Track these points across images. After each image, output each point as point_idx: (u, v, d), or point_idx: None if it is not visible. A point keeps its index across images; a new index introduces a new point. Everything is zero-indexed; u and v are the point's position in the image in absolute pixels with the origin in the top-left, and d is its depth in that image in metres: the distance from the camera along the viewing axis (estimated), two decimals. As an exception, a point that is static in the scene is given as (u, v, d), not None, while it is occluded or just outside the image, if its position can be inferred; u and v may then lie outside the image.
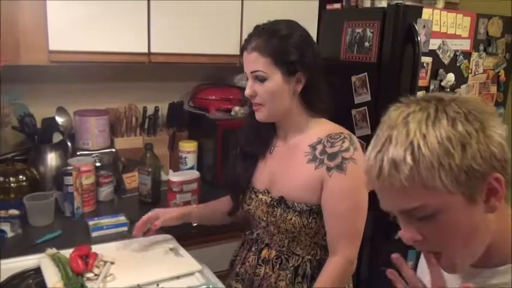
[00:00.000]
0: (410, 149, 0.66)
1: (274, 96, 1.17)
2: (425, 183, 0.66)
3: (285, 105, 1.20)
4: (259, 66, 1.15)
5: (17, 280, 1.23)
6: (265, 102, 1.19)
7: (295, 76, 1.17)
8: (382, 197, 0.73)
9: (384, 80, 1.91)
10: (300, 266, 1.25)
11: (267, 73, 1.15)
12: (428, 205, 0.68)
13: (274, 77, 1.16)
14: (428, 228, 0.70)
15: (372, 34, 1.92)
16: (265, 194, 1.27)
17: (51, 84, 1.97)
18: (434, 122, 0.67)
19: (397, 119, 0.69)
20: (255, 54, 1.15)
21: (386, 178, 0.68)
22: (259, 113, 1.21)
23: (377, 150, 0.70)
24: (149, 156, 1.84)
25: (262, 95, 1.18)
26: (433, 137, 0.65)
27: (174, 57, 1.88)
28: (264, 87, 1.17)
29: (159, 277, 1.24)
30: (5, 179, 1.69)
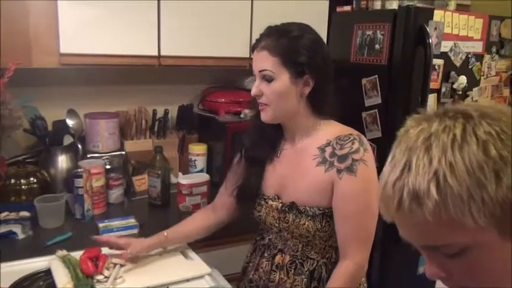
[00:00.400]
0: (435, 181, 0.56)
1: (280, 97, 1.16)
2: (452, 219, 0.56)
3: (290, 107, 1.19)
4: (268, 66, 1.14)
5: (28, 282, 1.24)
6: (270, 103, 1.17)
7: (303, 78, 1.16)
8: (402, 230, 0.64)
9: (395, 82, 1.90)
10: (316, 270, 1.24)
11: (274, 73, 1.14)
12: (457, 243, 0.59)
13: (281, 77, 1.14)
14: (456, 265, 0.61)
15: (382, 36, 1.91)
16: (275, 200, 1.26)
17: (62, 87, 1.99)
18: (462, 146, 0.56)
19: (416, 140, 0.60)
20: (264, 53, 1.14)
21: (407, 212, 0.59)
22: (264, 113, 1.20)
23: (395, 177, 0.60)
24: (159, 159, 1.84)
25: (268, 95, 1.16)
26: (461, 166, 0.55)
27: (183, 60, 1.88)
28: (270, 87, 1.15)
29: (168, 280, 1.24)
30: (16, 181, 1.71)
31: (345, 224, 1.17)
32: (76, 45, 1.66)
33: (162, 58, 1.83)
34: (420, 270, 2.12)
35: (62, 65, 1.67)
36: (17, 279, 1.24)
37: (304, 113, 1.21)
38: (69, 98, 1.99)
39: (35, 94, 1.55)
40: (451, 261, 0.61)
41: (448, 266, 0.62)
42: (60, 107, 1.91)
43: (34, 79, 1.77)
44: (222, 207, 1.39)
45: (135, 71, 2.07)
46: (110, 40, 1.71)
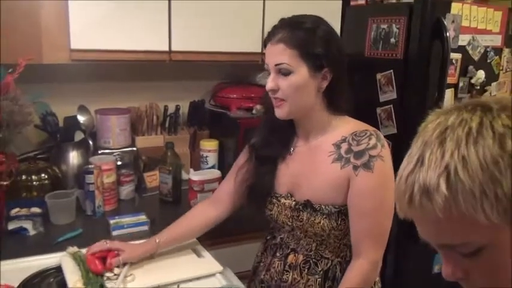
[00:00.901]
0: (445, 175, 0.54)
1: (298, 92, 1.12)
2: (464, 215, 0.54)
3: (308, 102, 1.15)
4: (285, 59, 1.10)
5: (38, 279, 1.23)
6: (287, 98, 1.12)
7: (321, 72, 1.12)
8: (419, 227, 0.62)
9: (411, 77, 1.85)
10: (330, 269, 1.21)
11: (292, 66, 1.10)
12: (472, 242, 0.56)
13: (299, 71, 1.10)
14: (473, 265, 0.59)
15: (398, 30, 1.87)
16: (288, 198, 1.22)
17: (73, 83, 1.98)
18: (476, 140, 0.54)
19: (432, 134, 0.58)
20: (281, 45, 1.10)
21: (418, 208, 0.57)
22: (280, 109, 1.15)
23: (408, 171, 0.59)
24: (170, 155, 1.83)
25: (285, 89, 1.11)
26: (474, 160, 0.53)
27: (195, 55, 1.86)
28: (288, 81, 1.11)
29: (179, 278, 1.23)
30: (28, 177, 1.71)
31: (360, 221, 1.13)
32: (86, 41, 1.65)
33: (173, 53, 1.81)
34: (435, 269, 2.08)
35: (72, 61, 1.66)
36: (28, 275, 1.23)
37: (319, 108, 1.18)
38: (80, 94, 1.98)
39: (46, 90, 1.55)
40: (468, 261, 0.59)
41: (464, 266, 0.60)
42: (71, 103, 1.91)
43: (45, 75, 1.77)
44: (223, 200, 1.35)
45: (146, 66, 2.06)
46: (120, 35, 1.70)
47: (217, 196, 1.39)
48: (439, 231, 0.58)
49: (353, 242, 1.16)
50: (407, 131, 1.88)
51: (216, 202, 1.37)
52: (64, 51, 1.63)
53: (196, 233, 1.38)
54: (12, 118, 1.36)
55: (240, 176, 1.30)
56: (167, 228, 1.34)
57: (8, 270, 1.25)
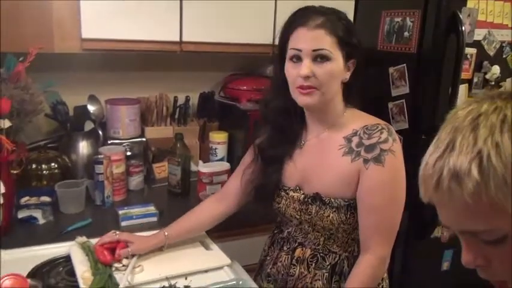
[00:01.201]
0: (478, 160, 0.53)
1: (332, 80, 1.09)
2: (493, 202, 0.53)
3: (334, 92, 1.13)
4: (326, 45, 1.06)
5: (48, 267, 1.24)
6: (321, 86, 1.08)
7: (349, 62, 1.12)
8: (441, 212, 0.61)
9: (424, 71, 1.83)
10: (338, 264, 1.20)
11: (332, 53, 1.07)
12: (497, 229, 0.56)
13: (337, 59, 1.08)
14: (496, 253, 0.58)
15: (412, 23, 1.83)
16: (296, 191, 1.21)
17: (83, 73, 1.98)
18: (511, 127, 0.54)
19: (464, 120, 0.57)
20: (321, 31, 1.06)
21: (446, 192, 0.56)
22: (308, 97, 1.10)
23: (437, 156, 0.58)
24: (179, 146, 1.82)
25: (321, 76, 1.07)
26: (508, 147, 0.52)
27: (205, 46, 1.85)
28: (324, 68, 1.07)
29: (187, 270, 1.22)
30: (37, 166, 1.71)
31: (368, 216, 1.12)
32: (97, 30, 1.64)
33: (184, 44, 1.80)
34: (444, 266, 2.07)
35: (83, 50, 1.65)
36: (37, 264, 1.24)
37: (338, 99, 1.16)
38: (90, 83, 1.98)
39: (57, 79, 1.54)
40: (490, 249, 0.58)
41: (486, 254, 0.59)
42: (82, 92, 1.91)
43: (56, 64, 1.76)
44: (230, 196, 1.34)
45: (156, 57, 2.05)
46: (131, 25, 1.68)
47: (224, 192, 1.38)
48: (464, 217, 0.57)
49: (361, 236, 1.15)
50: (419, 126, 1.86)
51: (224, 198, 1.36)
52: (75, 40, 1.62)
53: (204, 227, 1.38)
54: (23, 107, 1.35)
55: (246, 176, 1.28)
56: (176, 221, 1.34)
57: (18, 259, 1.26)
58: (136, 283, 1.15)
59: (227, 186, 1.39)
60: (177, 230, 1.32)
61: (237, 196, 1.33)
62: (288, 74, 1.12)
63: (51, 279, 1.19)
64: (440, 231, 2.00)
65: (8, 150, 1.31)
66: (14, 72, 1.37)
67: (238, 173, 1.33)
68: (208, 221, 1.36)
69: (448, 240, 2.03)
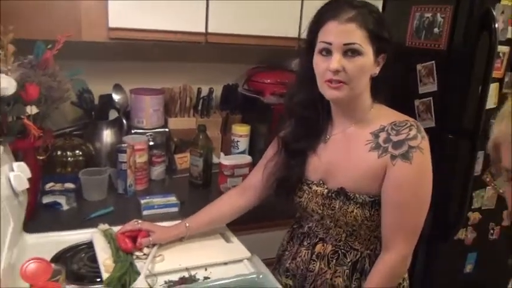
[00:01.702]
0: None
1: (362, 75, 1.08)
2: None
3: (363, 87, 1.11)
4: (357, 39, 1.04)
5: (71, 253, 1.26)
6: (350, 80, 1.06)
7: (379, 57, 1.09)
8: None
9: (454, 69, 1.77)
10: (359, 261, 1.19)
11: (363, 47, 1.05)
12: None
13: (368, 54, 1.06)
14: None
15: (442, 19, 1.79)
16: (320, 185, 1.19)
17: (109, 62, 1.99)
18: None
19: None
20: (352, 25, 1.04)
21: None
22: (337, 91, 1.08)
23: None
24: (202, 137, 1.82)
25: (351, 71, 1.05)
26: None
27: (231, 37, 1.84)
28: (354, 63, 1.05)
29: (207, 261, 1.23)
30: (63, 153, 1.74)
31: (392, 213, 1.10)
32: (124, 19, 1.65)
33: (209, 35, 1.79)
34: (468, 269, 2.03)
35: (110, 39, 1.66)
36: (60, 249, 1.26)
37: (366, 94, 1.14)
38: (116, 72, 2.00)
39: (83, 67, 1.56)
40: None
41: None
42: (107, 81, 1.93)
43: (83, 52, 1.78)
44: (252, 190, 1.34)
45: (181, 47, 2.05)
46: (157, 15, 1.69)
47: (246, 185, 1.38)
48: None
49: (383, 234, 1.13)
50: (447, 125, 1.82)
51: (245, 191, 1.36)
52: (102, 29, 1.63)
53: (225, 220, 1.38)
54: (51, 94, 1.37)
55: (268, 169, 1.27)
56: (196, 213, 1.35)
57: (42, 243, 1.29)
58: (156, 272, 1.16)
59: (249, 179, 1.38)
60: (198, 221, 1.33)
61: (258, 189, 1.32)
62: (316, 68, 1.10)
63: (73, 264, 1.20)
64: (464, 233, 1.96)
65: (35, 136, 1.33)
66: (43, 59, 1.39)
67: (260, 166, 1.32)
68: (228, 214, 1.35)
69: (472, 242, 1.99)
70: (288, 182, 1.23)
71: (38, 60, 1.39)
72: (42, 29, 1.52)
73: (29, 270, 0.92)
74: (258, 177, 1.31)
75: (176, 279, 1.15)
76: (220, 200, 1.38)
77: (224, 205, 1.36)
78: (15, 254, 1.10)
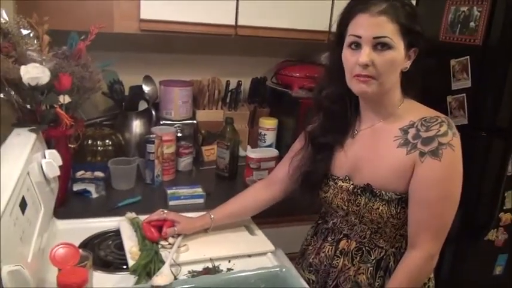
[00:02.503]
0: None
1: (392, 69, 1.05)
2: None
3: (393, 81, 1.09)
4: (388, 32, 1.02)
5: (98, 240, 1.29)
6: (379, 75, 1.04)
7: (410, 51, 1.07)
8: None
9: (490, 65, 1.71)
10: (383, 259, 1.17)
11: (394, 41, 1.03)
12: None
13: (399, 48, 1.04)
14: None
15: (479, 13, 1.73)
16: (346, 181, 1.18)
17: (140, 53, 2.02)
18: None
19: None
20: (383, 18, 1.02)
21: None
22: (366, 85, 1.05)
23: None
24: (229, 130, 1.83)
25: (380, 65, 1.03)
26: None
27: (260, 30, 1.83)
28: (384, 57, 1.03)
29: (231, 253, 1.24)
30: (93, 142, 1.78)
31: (419, 210, 1.08)
32: (155, 11, 1.66)
33: (239, 28, 1.79)
34: (497, 271, 1.97)
35: (141, 31, 1.68)
36: (89, 236, 1.30)
37: (396, 89, 1.12)
38: (146, 64, 2.02)
39: (115, 59, 1.58)
40: None
41: None
42: (137, 72, 1.95)
43: (114, 43, 1.81)
44: (278, 183, 1.33)
45: (211, 40, 2.05)
46: (188, 7, 1.70)
47: (272, 179, 1.37)
48: None
49: (410, 232, 1.11)
50: (480, 123, 1.77)
51: (271, 185, 1.36)
52: (134, 20, 1.66)
53: (249, 213, 1.38)
54: (83, 84, 1.40)
55: (294, 163, 1.26)
56: (222, 205, 1.35)
57: (71, 229, 1.33)
58: (180, 261, 1.17)
59: (275, 172, 1.38)
60: (223, 213, 1.34)
61: (284, 183, 1.31)
62: (345, 61, 1.08)
63: (101, 251, 1.23)
64: (495, 234, 1.90)
65: (67, 125, 1.36)
66: (76, 50, 1.42)
67: (287, 159, 1.32)
68: (253, 207, 1.36)
69: (503, 244, 1.93)
70: (313, 176, 1.22)
71: (71, 50, 1.42)
72: (76, 21, 1.56)
73: (57, 255, 0.94)
74: (284, 171, 1.31)
75: (200, 270, 1.16)
76: (245, 193, 1.38)
77: (249, 198, 1.36)
78: (46, 239, 1.13)
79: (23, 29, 1.31)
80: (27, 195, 1.01)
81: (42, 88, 1.29)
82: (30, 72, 1.24)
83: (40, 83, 1.26)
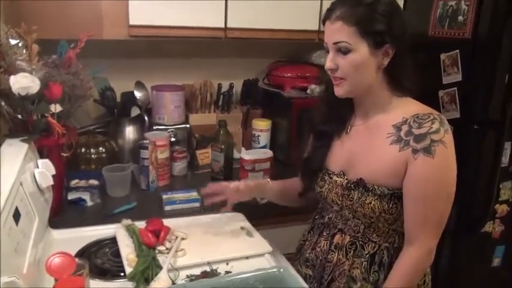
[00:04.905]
0: None
1: (358, 70, 1.08)
2: None
3: (368, 80, 1.11)
4: (344, 37, 1.05)
5: (95, 248, 1.28)
6: (347, 76, 1.09)
7: (382, 48, 1.07)
8: None
9: (479, 58, 1.72)
10: (377, 254, 1.17)
11: (351, 44, 1.05)
12: None
13: (359, 49, 1.06)
14: None
15: (467, 7, 1.74)
16: (340, 176, 1.20)
17: (131, 59, 2.02)
18: None
19: None
20: (339, 23, 1.05)
21: None
22: (339, 88, 1.12)
23: None
24: (222, 133, 1.83)
25: (344, 68, 1.08)
26: None
27: (250, 32, 1.83)
28: (347, 60, 1.07)
29: (229, 256, 1.23)
30: (86, 150, 1.77)
31: (415, 207, 1.09)
32: (144, 16, 1.66)
33: (229, 30, 1.79)
34: (495, 263, 1.98)
35: (130, 37, 1.68)
36: (85, 244, 1.29)
37: (380, 87, 1.13)
38: (137, 70, 2.02)
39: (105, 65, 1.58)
40: None
41: None
42: (129, 78, 1.95)
43: (104, 50, 1.81)
44: None
45: (201, 43, 2.05)
46: (177, 12, 1.70)
47: None
48: None
49: (406, 228, 1.12)
50: (472, 116, 1.77)
51: None
52: (123, 27, 1.66)
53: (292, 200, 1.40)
54: (74, 92, 1.39)
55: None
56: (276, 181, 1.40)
57: (67, 238, 1.32)
58: (178, 266, 1.17)
59: None
60: (277, 184, 1.38)
61: None
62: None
63: (97, 259, 1.22)
64: (491, 226, 1.91)
65: (59, 133, 1.36)
66: (66, 58, 1.41)
67: None
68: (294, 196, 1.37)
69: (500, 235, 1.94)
70: (312, 162, 1.27)
71: (61, 59, 1.42)
72: (64, 29, 1.55)
73: (53, 265, 0.94)
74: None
75: (198, 273, 1.16)
76: (294, 179, 1.40)
77: (295, 184, 1.37)
78: (41, 249, 1.12)
79: (11, 39, 1.30)
80: (20, 206, 1.01)
81: (32, 98, 1.28)
82: (19, 82, 1.23)
83: (30, 93, 1.26)
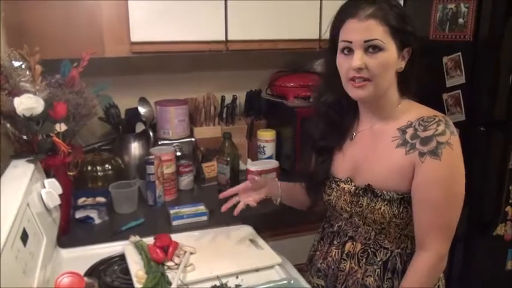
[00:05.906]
0: None
1: (386, 71, 1.06)
2: None
3: (388, 83, 1.09)
4: (377, 35, 1.03)
5: (104, 265, 1.28)
6: (374, 77, 1.05)
7: (403, 51, 1.08)
8: None
9: (481, 59, 1.72)
10: (389, 261, 1.16)
11: (384, 43, 1.04)
12: None
13: (390, 49, 1.05)
14: None
15: (467, 9, 1.73)
16: (347, 183, 1.18)
17: (134, 75, 2.03)
18: None
19: None
20: (371, 21, 1.03)
21: None
22: (362, 90, 1.07)
23: None
24: (228, 145, 1.83)
25: (373, 67, 1.04)
26: None
27: (251, 44, 1.84)
28: (377, 59, 1.04)
29: (238, 269, 1.22)
30: (93, 168, 1.77)
31: (424, 212, 1.07)
32: (146, 33, 1.68)
33: (230, 43, 1.80)
34: (509, 266, 1.95)
35: (133, 53, 1.69)
36: (94, 263, 1.28)
37: (392, 91, 1.12)
38: (140, 86, 2.03)
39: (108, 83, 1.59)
40: None
41: None
42: (132, 95, 1.96)
43: (107, 68, 1.82)
44: None
45: (203, 57, 2.06)
46: (177, 27, 1.71)
47: None
48: None
49: (417, 233, 1.10)
50: (478, 118, 1.76)
51: None
52: (125, 44, 1.67)
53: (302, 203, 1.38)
54: (78, 111, 1.40)
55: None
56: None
57: (75, 257, 1.31)
58: (188, 281, 1.16)
59: None
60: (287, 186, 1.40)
61: None
62: (339, 67, 1.10)
63: (107, 277, 1.22)
64: (503, 229, 1.89)
65: (65, 152, 1.36)
66: (69, 77, 1.42)
67: None
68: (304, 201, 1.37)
69: (512, 238, 1.91)
70: (316, 178, 1.25)
71: (64, 78, 1.43)
72: (67, 48, 1.56)
73: (62, 285, 0.93)
74: None
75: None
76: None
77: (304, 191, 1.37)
78: (50, 269, 1.12)
79: (14, 61, 1.32)
80: (28, 227, 1.01)
81: (37, 118, 1.29)
82: (24, 103, 1.24)
83: (35, 113, 1.26)
